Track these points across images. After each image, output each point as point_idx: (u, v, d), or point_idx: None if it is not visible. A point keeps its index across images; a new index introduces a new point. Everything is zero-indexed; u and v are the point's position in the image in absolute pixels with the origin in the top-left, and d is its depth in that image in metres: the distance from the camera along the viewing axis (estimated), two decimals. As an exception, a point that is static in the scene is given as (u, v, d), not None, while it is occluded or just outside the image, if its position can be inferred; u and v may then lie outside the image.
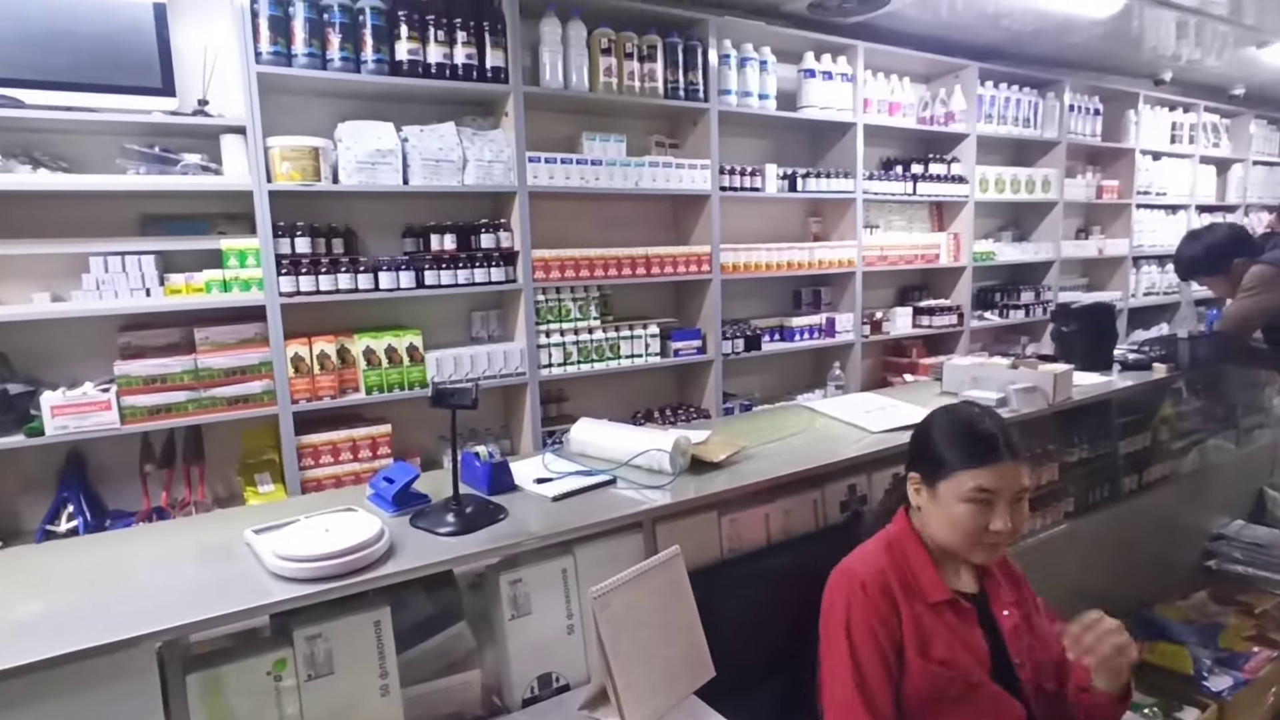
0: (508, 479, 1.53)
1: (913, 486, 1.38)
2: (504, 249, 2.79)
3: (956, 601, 1.33)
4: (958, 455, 1.31)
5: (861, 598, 1.29)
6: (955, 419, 1.37)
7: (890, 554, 1.35)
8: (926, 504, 1.35)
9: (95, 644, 0.97)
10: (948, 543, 1.33)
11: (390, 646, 1.19)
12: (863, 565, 1.34)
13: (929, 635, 1.29)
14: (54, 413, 2.14)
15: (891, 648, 1.28)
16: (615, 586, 1.24)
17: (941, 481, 1.32)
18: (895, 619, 1.29)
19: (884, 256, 3.86)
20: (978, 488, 1.28)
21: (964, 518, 1.29)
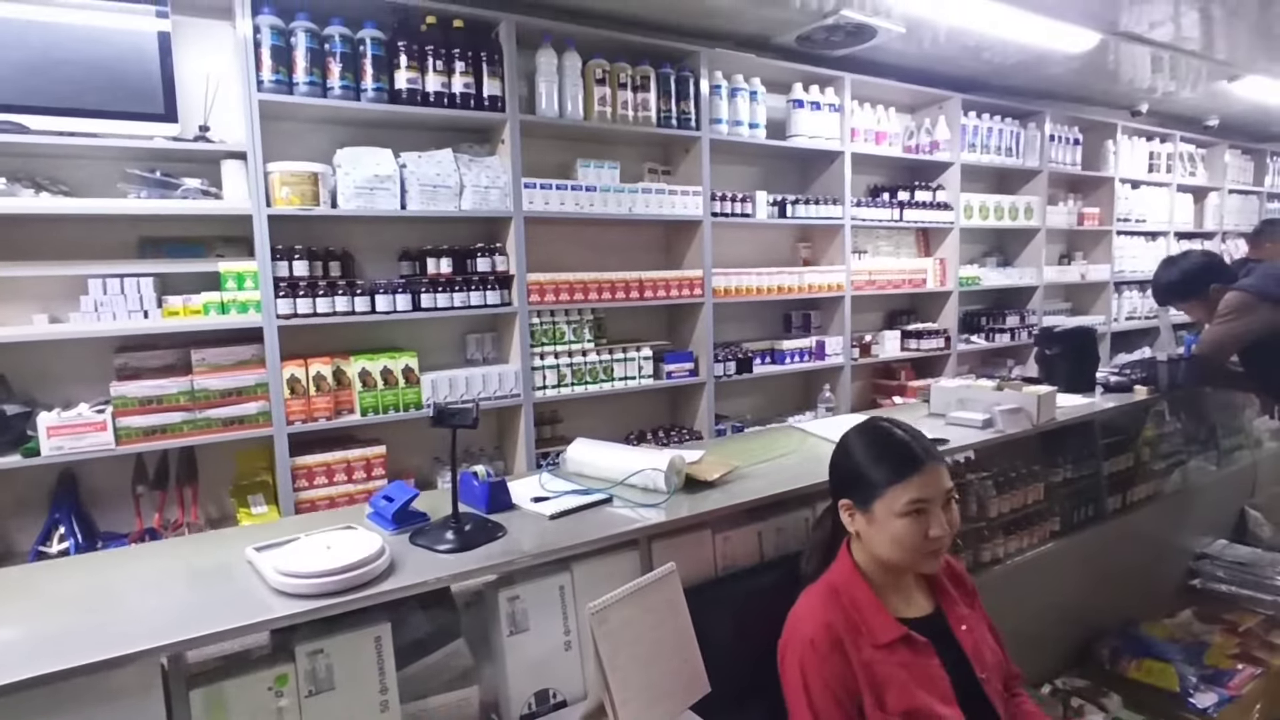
0: (505, 498, 1.56)
1: (845, 514, 1.38)
2: (499, 273, 2.83)
3: (910, 637, 1.32)
4: (884, 472, 1.32)
5: (813, 657, 1.28)
6: (871, 438, 1.38)
7: (836, 601, 1.34)
8: (864, 528, 1.35)
9: (99, 659, 0.98)
10: (893, 560, 1.33)
11: (390, 663, 1.20)
12: (809, 620, 1.32)
13: (883, 683, 1.27)
14: (50, 433, 2.14)
15: (851, 702, 1.27)
16: (613, 602, 1.26)
17: (876, 501, 1.32)
18: (849, 672, 1.28)
19: (872, 280, 3.93)
20: (911, 500, 1.29)
21: (904, 532, 1.30)
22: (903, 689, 1.28)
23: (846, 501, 1.38)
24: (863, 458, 1.36)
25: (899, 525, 1.30)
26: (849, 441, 1.41)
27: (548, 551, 1.35)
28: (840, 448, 1.42)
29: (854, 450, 1.38)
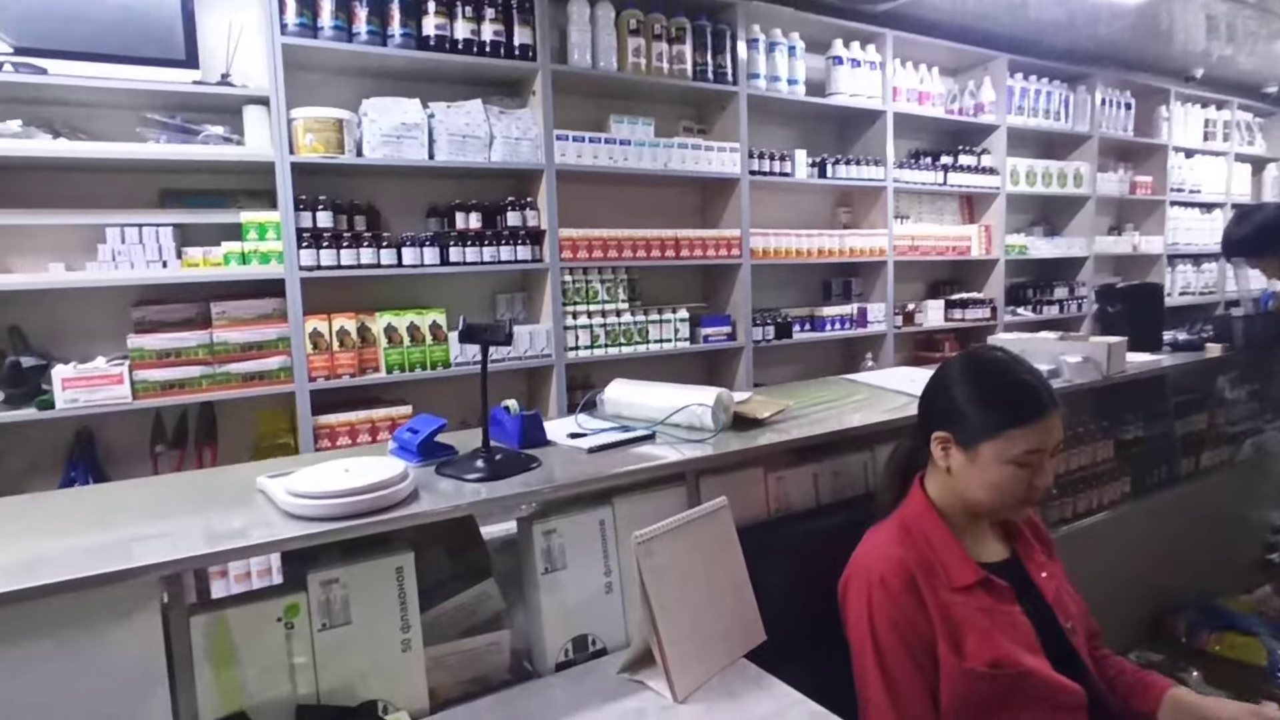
0: (540, 433, 1.43)
1: (939, 447, 1.23)
2: (530, 228, 2.71)
3: (989, 581, 1.18)
4: (1002, 414, 1.17)
5: (883, 597, 1.15)
6: (988, 372, 1.23)
7: (909, 539, 1.21)
8: (961, 467, 1.20)
9: (90, 574, 0.87)
10: (983, 504, 1.20)
11: (413, 598, 1.08)
12: (879, 559, 1.19)
13: (962, 628, 1.14)
14: (65, 385, 2.06)
15: (923, 649, 1.14)
16: (660, 533, 1.13)
17: (985, 443, 1.17)
18: (923, 616, 1.14)
19: (915, 246, 3.75)
20: (1028, 450, 1.15)
21: (1009, 480, 1.16)
22: (984, 636, 1.14)
23: (943, 435, 1.22)
24: (975, 393, 1.20)
25: (1005, 472, 1.16)
26: (957, 371, 1.24)
27: (586, 481, 1.22)
28: (943, 377, 1.26)
29: (963, 382, 1.22)
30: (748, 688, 1.10)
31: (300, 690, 1.01)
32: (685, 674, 1.10)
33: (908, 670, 1.14)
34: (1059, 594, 1.26)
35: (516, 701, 1.10)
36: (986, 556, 1.25)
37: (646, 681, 1.12)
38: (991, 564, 1.23)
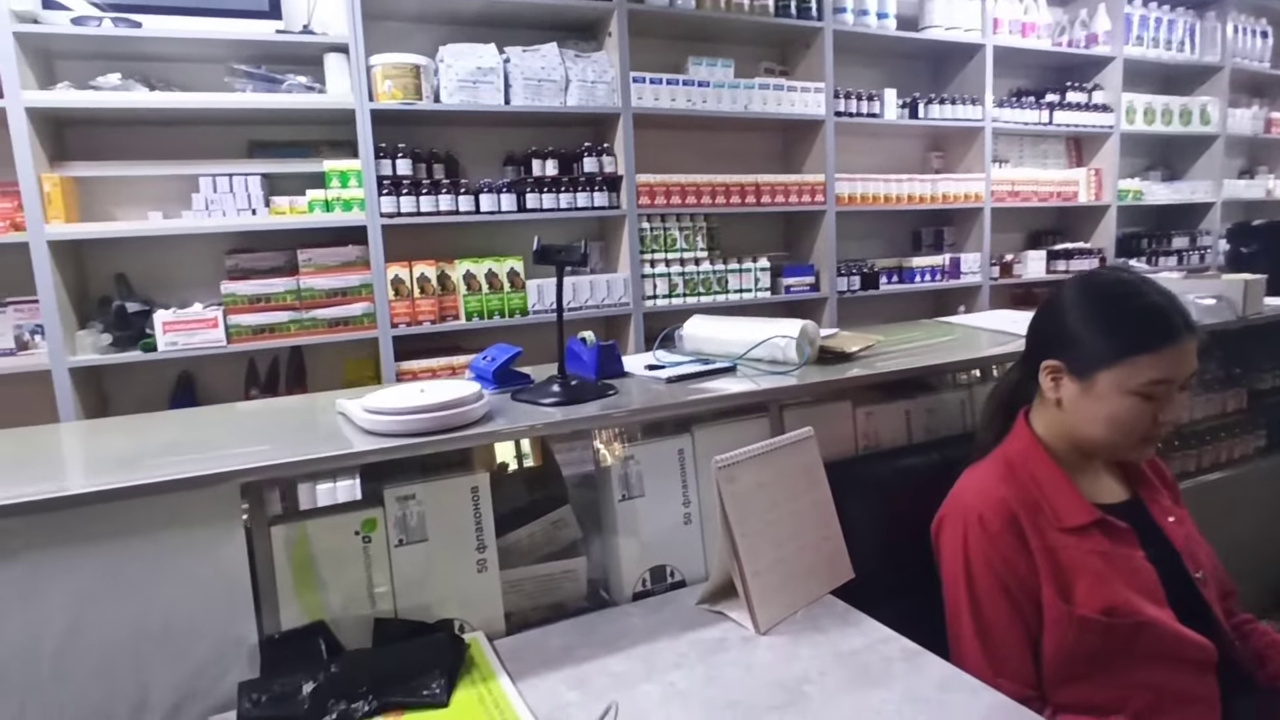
0: (617, 365, 1.39)
1: (1048, 377, 1.10)
2: (607, 174, 2.65)
3: (1106, 523, 1.06)
4: (1126, 339, 1.03)
5: (980, 536, 1.05)
6: (1113, 293, 1.07)
7: (1013, 477, 1.09)
8: (1072, 399, 1.07)
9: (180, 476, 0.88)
10: (1097, 441, 1.07)
11: (489, 517, 1.06)
12: (978, 496, 1.08)
13: (1072, 572, 1.02)
14: (165, 329, 2.16)
15: (1023, 593, 1.03)
16: (742, 459, 1.07)
17: (1102, 371, 1.04)
18: (1024, 558, 1.03)
19: (1015, 192, 3.50)
20: (1154, 380, 1.01)
21: (1129, 414, 1.03)
22: (1098, 580, 1.02)
23: (1054, 364, 1.09)
24: (1094, 316, 1.06)
25: (1125, 405, 1.03)
26: (1074, 293, 1.10)
27: (664, 407, 1.17)
28: (1057, 299, 1.12)
29: (1081, 304, 1.08)
30: (835, 623, 1.04)
31: (379, 605, 1.00)
32: (768, 605, 1.04)
33: (1005, 615, 1.04)
34: (1188, 541, 1.13)
35: (593, 626, 1.06)
36: (1103, 497, 1.12)
37: (727, 612, 1.07)
38: (1109, 505, 1.11)
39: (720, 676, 0.93)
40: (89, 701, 0.87)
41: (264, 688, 0.87)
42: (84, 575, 0.87)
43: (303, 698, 0.86)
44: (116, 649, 0.88)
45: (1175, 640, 1.03)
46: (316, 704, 0.86)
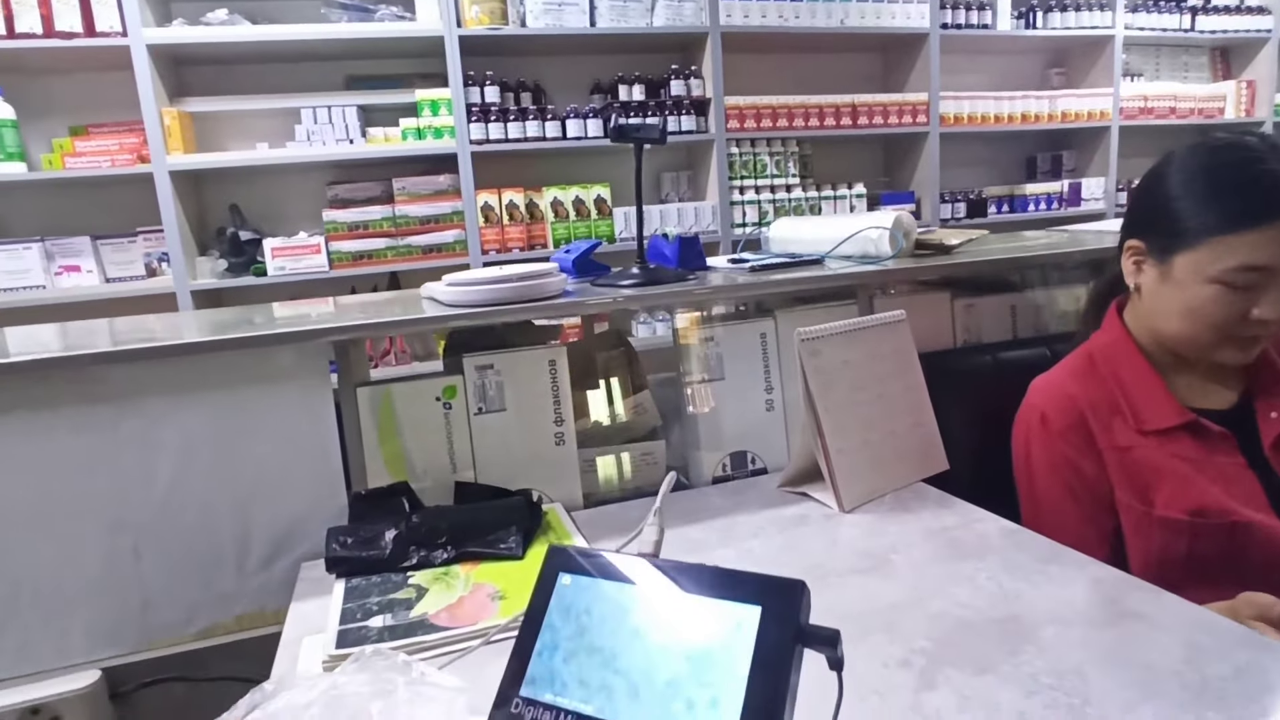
0: (699, 258, 1.35)
1: (1130, 260, 0.95)
2: (695, 98, 2.59)
3: (1199, 426, 0.91)
4: (1213, 212, 0.86)
5: (1041, 435, 0.95)
6: (1219, 156, 0.89)
7: (1090, 373, 0.97)
8: (1151, 285, 0.93)
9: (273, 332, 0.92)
10: (1177, 337, 0.92)
11: (566, 392, 1.06)
12: (1045, 395, 0.98)
13: (1149, 474, 0.90)
14: (274, 254, 2.28)
15: (1090, 497, 0.93)
16: (827, 334, 1.02)
17: (1181, 253, 0.88)
18: (1091, 459, 0.93)
19: (1148, 108, 3.18)
20: (1242, 265, 0.84)
21: (1211, 306, 0.86)
22: (1184, 483, 0.89)
23: (1135, 244, 0.95)
24: (1187, 184, 0.90)
25: (1205, 294, 0.87)
26: (1177, 160, 0.93)
27: (748, 287, 1.12)
28: (1158, 167, 0.96)
29: (1179, 172, 0.91)
30: (925, 504, 0.98)
31: (459, 471, 1.02)
32: (852, 484, 0.99)
33: (1071, 520, 0.94)
34: None
35: (671, 502, 1.04)
36: (1204, 401, 0.96)
37: (810, 493, 1.03)
38: (1209, 410, 0.95)
39: (799, 546, 0.89)
40: (197, 540, 0.93)
41: (350, 533, 0.90)
42: (192, 423, 0.92)
43: (385, 543, 0.88)
44: (220, 494, 0.93)
45: None
46: (398, 549, 0.88)
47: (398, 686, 0.62)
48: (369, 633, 0.74)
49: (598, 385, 1.22)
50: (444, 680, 0.62)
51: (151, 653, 0.94)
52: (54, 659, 0.91)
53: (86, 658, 0.92)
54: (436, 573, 0.87)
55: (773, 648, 0.34)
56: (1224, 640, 0.65)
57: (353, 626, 0.76)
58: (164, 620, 0.94)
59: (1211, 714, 0.56)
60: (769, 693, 0.33)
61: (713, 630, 0.35)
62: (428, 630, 0.75)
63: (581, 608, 0.39)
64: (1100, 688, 0.59)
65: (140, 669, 0.94)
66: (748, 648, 0.34)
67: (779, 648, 0.34)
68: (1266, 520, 0.89)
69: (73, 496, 0.89)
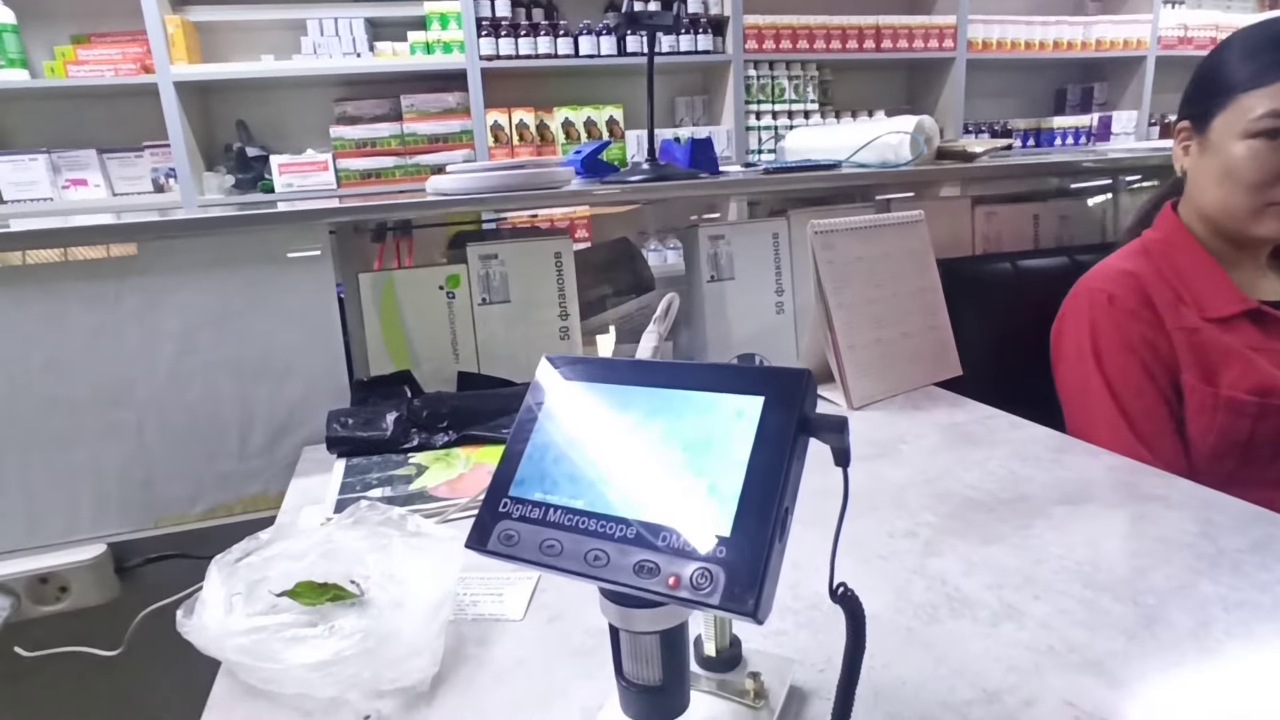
0: (712, 162, 1.30)
1: (1180, 143, 0.94)
2: (712, 15, 2.49)
3: (1261, 313, 0.90)
4: (1247, 70, 0.85)
5: (1109, 314, 0.92)
6: (1259, 26, 0.89)
7: (1149, 261, 0.95)
8: (1194, 164, 0.92)
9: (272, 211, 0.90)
10: (1219, 211, 0.90)
11: (571, 285, 1.04)
12: (1105, 278, 0.95)
13: (1216, 357, 0.89)
14: (281, 171, 2.24)
15: (1164, 372, 0.90)
16: (842, 228, 0.98)
17: (1218, 117, 0.87)
18: (1162, 336, 0.90)
19: (1187, 38, 3.04)
20: (1272, 111, 0.83)
21: (1245, 164, 0.85)
22: (1248, 366, 0.88)
23: (1183, 124, 0.94)
24: (1227, 52, 0.90)
25: (1238, 152, 0.86)
26: (1230, 36, 0.93)
27: (759, 182, 1.09)
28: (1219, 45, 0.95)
29: (1224, 46, 0.92)
30: (936, 404, 0.96)
31: (462, 361, 1.01)
32: (863, 382, 0.97)
33: (1149, 396, 0.91)
34: None
35: (676, 400, 1.03)
36: (1263, 294, 0.96)
37: (820, 393, 1.01)
38: (1269, 302, 0.95)
39: (806, 435, 0.88)
40: (200, 420, 0.93)
41: (352, 414, 0.89)
42: (195, 302, 0.91)
43: (386, 424, 0.88)
44: (223, 373, 0.92)
45: None
46: (399, 430, 0.87)
47: (393, 539, 0.62)
48: (368, 502, 0.74)
49: (604, 287, 1.20)
50: (439, 532, 0.62)
51: (157, 530, 0.95)
52: (62, 532, 0.92)
53: (93, 532, 0.93)
54: (438, 453, 0.86)
55: (775, 434, 0.32)
56: (1239, 517, 0.63)
57: (351, 496, 0.76)
58: (168, 497, 0.94)
59: (1227, 577, 0.54)
60: (770, 478, 0.32)
61: (712, 421, 0.34)
62: (426, 500, 0.74)
63: (573, 408, 0.38)
64: (1111, 558, 0.58)
65: (145, 545, 0.94)
66: (749, 436, 0.33)
67: (781, 434, 0.32)
68: None
69: (79, 370, 0.89)
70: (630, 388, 0.36)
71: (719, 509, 0.31)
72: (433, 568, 0.57)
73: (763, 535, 0.30)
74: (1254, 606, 0.51)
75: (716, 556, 0.30)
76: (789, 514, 0.31)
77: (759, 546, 0.30)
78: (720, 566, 0.30)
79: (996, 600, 0.53)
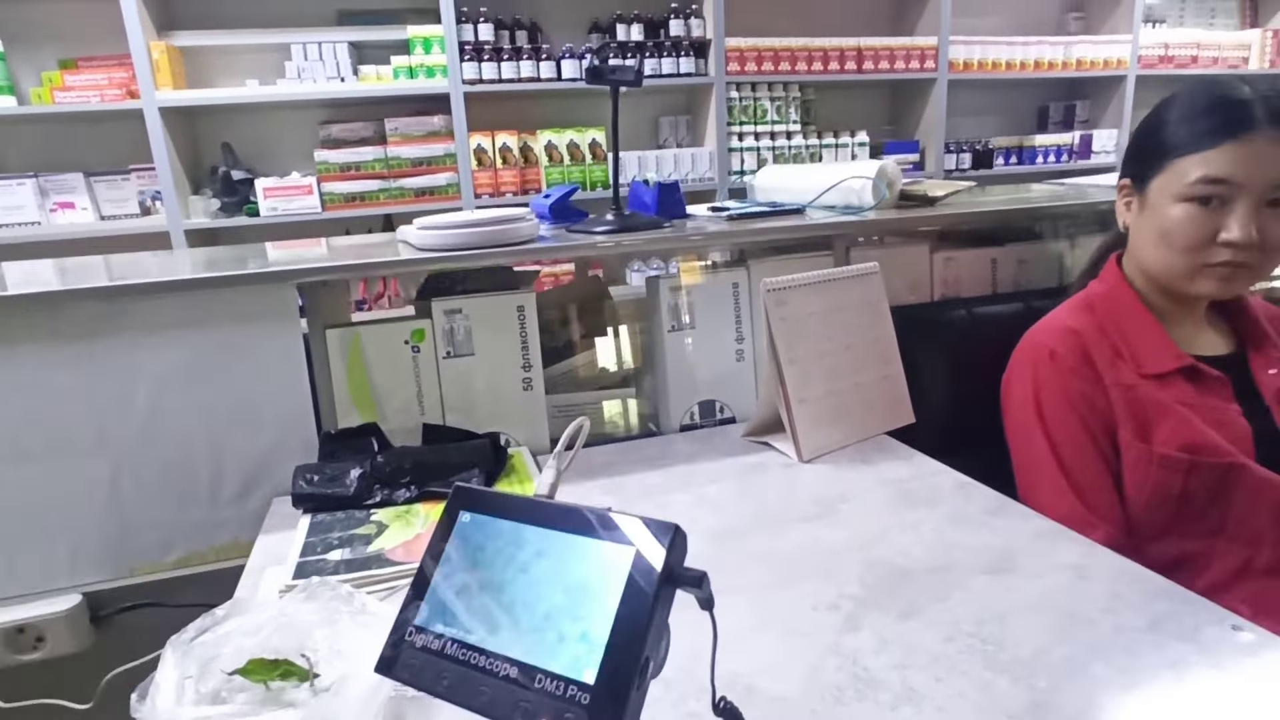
0: (679, 205, 1.34)
1: (1122, 200, 0.98)
2: (695, 39, 2.52)
3: (1196, 370, 0.94)
4: (1184, 132, 0.89)
5: (1052, 371, 0.95)
6: (1198, 88, 0.92)
7: (1090, 316, 0.98)
8: (1135, 220, 0.95)
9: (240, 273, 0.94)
10: (1157, 268, 0.94)
11: (534, 336, 1.07)
12: (1049, 333, 0.99)
13: (1150, 414, 0.92)
14: (266, 194, 2.27)
15: (1101, 429, 0.94)
16: (795, 285, 1.02)
17: (1155, 178, 0.91)
18: (1100, 393, 0.94)
19: (1168, 57, 3.07)
20: (1205, 178, 0.86)
21: (1180, 226, 0.88)
22: (1180, 423, 0.91)
23: (1124, 182, 0.98)
24: (1164, 115, 0.93)
25: (1174, 214, 0.89)
26: (1170, 96, 0.96)
27: (719, 235, 1.12)
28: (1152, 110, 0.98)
29: (1162, 108, 0.95)
30: (884, 456, 0.99)
31: (427, 413, 1.04)
32: (813, 435, 1.00)
33: (1087, 452, 0.95)
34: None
35: (637, 448, 1.07)
36: (1199, 348, 0.99)
37: (772, 443, 1.04)
38: (1205, 356, 0.98)
39: (753, 493, 0.91)
40: (173, 471, 0.96)
41: (317, 470, 0.92)
42: (169, 357, 0.94)
43: (350, 480, 0.91)
44: (196, 425, 0.96)
45: (1272, 490, 0.91)
46: (362, 487, 0.91)
47: (341, 615, 0.65)
48: (326, 565, 0.77)
49: (573, 331, 1.23)
50: (383, 610, 0.65)
51: (132, 579, 0.98)
52: (40, 581, 0.95)
53: (70, 581, 0.96)
54: (399, 510, 0.89)
55: (642, 586, 0.35)
56: (1146, 592, 0.67)
57: (311, 559, 0.79)
58: (143, 547, 0.98)
59: (1121, 658, 0.58)
60: (635, 628, 0.35)
61: (590, 568, 0.37)
62: (381, 565, 0.77)
63: (477, 544, 0.41)
64: (1017, 635, 0.61)
65: (120, 594, 0.98)
66: (619, 586, 0.36)
67: (648, 586, 0.35)
68: (1257, 467, 0.91)
69: (55, 427, 0.92)
70: (525, 526, 0.40)
71: (587, 655, 0.34)
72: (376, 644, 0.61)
73: (625, 685, 0.33)
74: (1139, 691, 0.55)
75: (581, 703, 0.33)
76: (649, 663, 0.35)
77: (620, 696, 0.33)
78: (585, 713, 0.33)
79: (900, 682, 0.57)
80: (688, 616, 0.38)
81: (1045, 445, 0.97)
